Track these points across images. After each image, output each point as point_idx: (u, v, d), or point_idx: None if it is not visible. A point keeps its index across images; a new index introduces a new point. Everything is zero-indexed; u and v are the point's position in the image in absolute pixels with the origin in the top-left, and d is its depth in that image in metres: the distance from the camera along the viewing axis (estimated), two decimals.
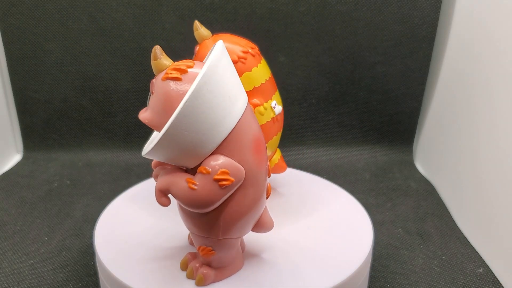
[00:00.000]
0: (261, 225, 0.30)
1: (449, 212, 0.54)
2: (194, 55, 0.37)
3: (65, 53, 0.66)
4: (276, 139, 0.39)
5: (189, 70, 0.26)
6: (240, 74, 0.35)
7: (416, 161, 0.70)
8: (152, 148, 0.26)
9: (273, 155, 0.41)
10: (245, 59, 0.35)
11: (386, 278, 0.42)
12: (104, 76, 0.67)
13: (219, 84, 0.26)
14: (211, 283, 0.30)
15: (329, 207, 0.41)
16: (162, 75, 0.26)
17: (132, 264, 0.32)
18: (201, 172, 0.26)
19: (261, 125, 0.35)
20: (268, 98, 0.37)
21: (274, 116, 0.37)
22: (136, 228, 0.37)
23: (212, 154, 0.27)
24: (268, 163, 0.30)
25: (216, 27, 0.64)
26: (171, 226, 0.37)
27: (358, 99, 0.68)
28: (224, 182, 0.26)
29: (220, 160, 0.27)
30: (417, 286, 0.40)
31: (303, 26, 0.64)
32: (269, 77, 0.37)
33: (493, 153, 0.45)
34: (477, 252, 0.46)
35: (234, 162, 0.27)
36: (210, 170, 0.26)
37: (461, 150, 0.53)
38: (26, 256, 0.44)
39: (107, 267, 0.32)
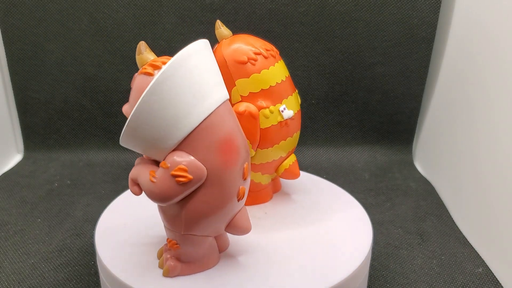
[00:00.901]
0: (234, 227, 0.30)
1: (448, 212, 0.54)
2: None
3: (65, 53, 0.66)
4: (285, 144, 0.38)
5: (162, 66, 0.27)
6: (248, 75, 0.35)
7: (415, 161, 0.70)
8: (120, 138, 0.27)
9: (283, 160, 0.39)
10: (255, 60, 0.35)
11: (386, 277, 0.42)
12: (105, 77, 0.67)
13: (182, 82, 0.26)
14: (177, 275, 0.31)
15: (329, 207, 0.41)
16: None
17: (132, 263, 0.32)
18: (162, 166, 0.27)
19: (264, 129, 0.35)
20: (277, 101, 0.36)
21: (282, 120, 0.36)
22: (136, 228, 0.37)
23: (175, 149, 0.27)
24: (246, 165, 0.30)
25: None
26: None
27: (357, 99, 0.68)
28: (180, 179, 0.26)
29: (179, 157, 0.27)
30: (416, 286, 0.41)
31: (302, 26, 0.64)
32: (281, 80, 0.36)
33: (492, 153, 0.45)
34: (476, 252, 0.46)
35: (195, 160, 0.27)
36: (169, 165, 0.27)
37: (460, 150, 0.53)
38: (27, 256, 0.44)
39: (107, 267, 0.32)
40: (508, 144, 0.42)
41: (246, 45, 0.36)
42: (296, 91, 0.40)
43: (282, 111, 0.36)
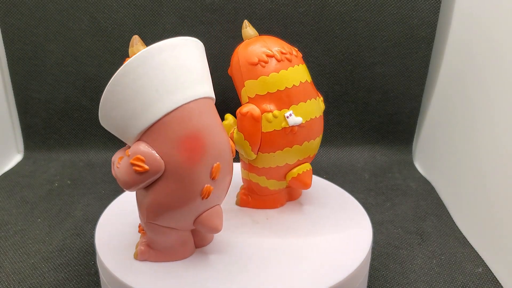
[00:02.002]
0: (201, 225, 0.31)
1: (448, 212, 0.54)
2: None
3: (66, 53, 0.66)
4: (292, 151, 0.36)
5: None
6: (256, 77, 0.35)
7: (415, 161, 0.70)
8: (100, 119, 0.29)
9: (291, 168, 0.38)
10: (265, 62, 0.34)
11: (386, 277, 0.42)
12: (105, 77, 0.67)
13: (145, 76, 0.27)
14: (146, 260, 0.33)
15: (329, 207, 0.41)
16: None
17: (132, 263, 0.33)
18: (125, 154, 0.29)
19: (266, 133, 0.35)
20: (284, 106, 0.35)
21: (287, 126, 0.35)
22: (136, 228, 0.37)
23: (140, 139, 0.28)
24: (217, 165, 0.29)
25: (216, 28, 0.64)
26: None
27: (357, 99, 0.68)
28: (137, 168, 0.28)
29: (139, 147, 0.28)
30: (416, 286, 0.41)
31: (302, 26, 0.64)
32: (293, 85, 0.35)
33: (492, 152, 0.45)
34: (476, 252, 0.46)
35: (153, 152, 0.28)
36: (130, 154, 0.28)
37: (460, 150, 0.53)
38: (27, 256, 0.44)
39: (107, 267, 0.32)
40: (508, 143, 0.42)
41: (261, 47, 0.35)
42: (320, 98, 0.38)
43: (287, 117, 0.35)
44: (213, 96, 0.31)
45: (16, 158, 0.71)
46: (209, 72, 0.32)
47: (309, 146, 0.37)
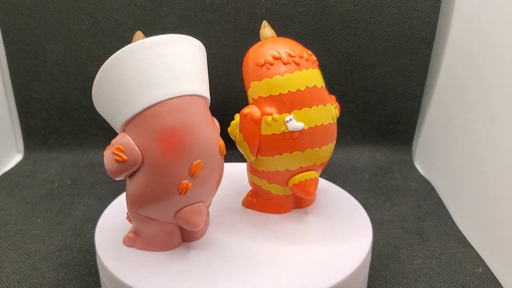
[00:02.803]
0: (180, 219, 0.31)
1: (448, 212, 0.54)
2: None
3: (66, 53, 0.66)
4: (292, 157, 0.35)
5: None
6: (260, 78, 0.34)
7: (415, 161, 0.70)
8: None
9: (294, 174, 0.36)
10: (271, 64, 0.34)
11: (386, 277, 0.42)
12: None
13: (128, 70, 0.28)
14: (132, 247, 0.34)
15: (329, 207, 0.41)
16: None
17: (132, 263, 0.33)
18: (111, 143, 0.30)
19: (265, 135, 0.34)
20: (286, 110, 0.34)
21: (286, 131, 0.34)
22: None
23: (123, 130, 0.30)
24: (198, 163, 0.30)
25: (216, 28, 0.64)
26: None
27: (357, 99, 0.68)
28: (117, 157, 0.29)
29: (121, 137, 0.30)
30: (416, 286, 0.41)
31: (302, 26, 0.64)
32: (297, 89, 0.34)
33: (492, 152, 0.45)
34: (476, 252, 0.46)
35: (132, 144, 0.29)
36: (113, 143, 0.30)
37: (460, 150, 0.53)
38: (27, 256, 0.44)
39: (107, 267, 0.32)
40: (508, 143, 0.42)
41: (270, 48, 0.35)
42: (333, 104, 0.37)
43: (287, 122, 0.34)
44: (205, 94, 0.31)
45: (16, 158, 0.71)
46: (205, 71, 0.32)
47: (314, 153, 0.35)
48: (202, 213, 0.32)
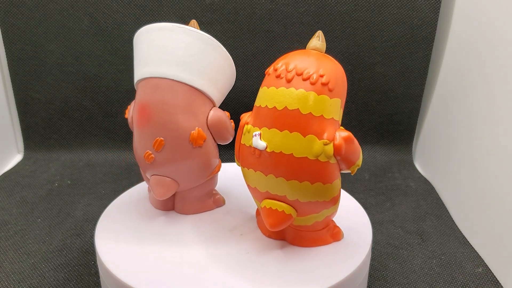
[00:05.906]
0: (149, 184, 0.37)
1: (448, 212, 0.54)
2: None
3: (66, 53, 0.66)
4: (257, 177, 0.32)
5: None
6: (262, 85, 0.33)
7: (415, 161, 0.70)
8: None
9: (264, 196, 0.33)
10: (267, 74, 0.33)
11: (386, 277, 0.42)
12: (105, 77, 0.67)
13: (141, 44, 0.35)
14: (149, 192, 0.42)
15: None
16: None
17: (132, 263, 0.33)
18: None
19: (241, 144, 0.34)
20: (258, 125, 0.32)
21: (252, 146, 0.31)
22: (136, 228, 0.37)
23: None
24: (159, 140, 0.34)
25: (216, 28, 0.64)
26: (171, 226, 0.37)
27: (357, 99, 0.68)
28: (125, 115, 0.38)
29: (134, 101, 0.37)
30: (416, 286, 0.41)
31: (302, 26, 0.64)
32: (275, 107, 0.30)
33: (492, 153, 0.45)
34: (476, 252, 0.46)
35: (130, 105, 0.38)
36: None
37: (460, 150, 0.53)
38: (27, 256, 0.44)
39: (108, 267, 0.32)
40: (508, 143, 0.42)
41: (284, 58, 0.32)
42: (320, 141, 0.30)
43: (254, 135, 0.31)
44: (194, 84, 0.34)
45: (16, 158, 0.71)
46: (210, 67, 0.35)
47: (280, 183, 0.31)
48: (163, 186, 0.36)
